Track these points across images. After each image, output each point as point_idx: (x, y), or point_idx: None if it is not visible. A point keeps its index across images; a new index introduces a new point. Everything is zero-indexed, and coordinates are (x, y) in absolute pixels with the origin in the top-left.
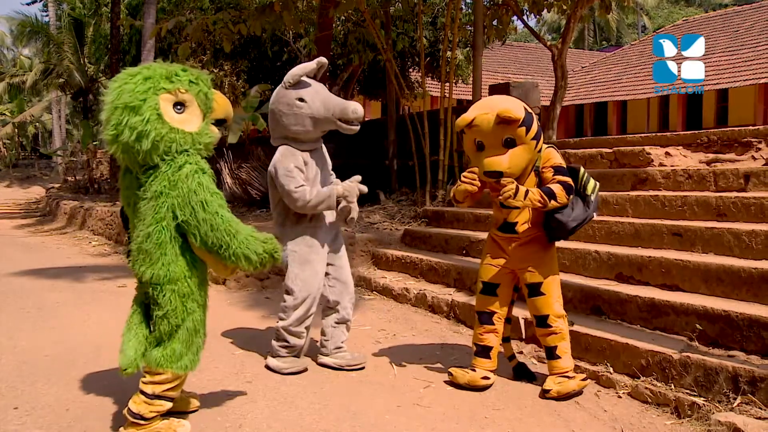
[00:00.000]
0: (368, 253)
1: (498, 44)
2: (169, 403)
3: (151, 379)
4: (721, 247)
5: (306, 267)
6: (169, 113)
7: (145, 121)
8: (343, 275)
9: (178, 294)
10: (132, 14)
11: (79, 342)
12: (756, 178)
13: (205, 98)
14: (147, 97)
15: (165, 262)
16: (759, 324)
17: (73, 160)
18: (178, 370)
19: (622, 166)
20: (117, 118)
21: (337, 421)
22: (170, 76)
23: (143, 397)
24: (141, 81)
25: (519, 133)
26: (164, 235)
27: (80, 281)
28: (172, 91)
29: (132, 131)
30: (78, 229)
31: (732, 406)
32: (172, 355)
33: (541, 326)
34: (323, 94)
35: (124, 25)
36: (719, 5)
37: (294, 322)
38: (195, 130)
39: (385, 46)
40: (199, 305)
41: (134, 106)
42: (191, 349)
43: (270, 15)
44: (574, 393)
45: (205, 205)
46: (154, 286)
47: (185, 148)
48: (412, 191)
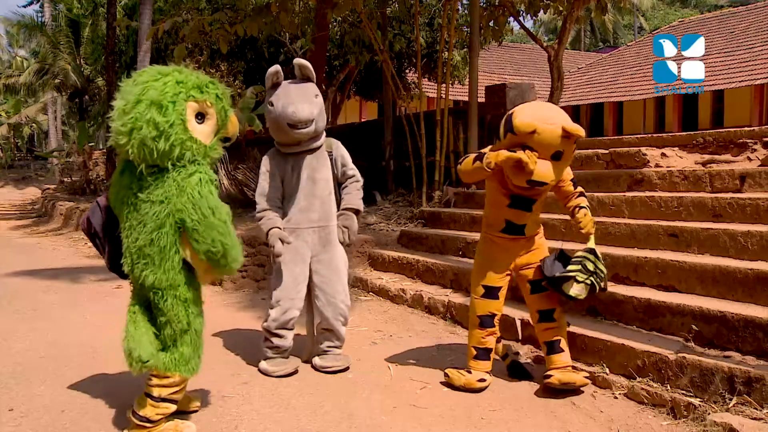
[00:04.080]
0: (365, 254)
1: (494, 45)
2: (173, 405)
3: (158, 383)
4: (716, 247)
5: (284, 270)
6: (192, 122)
7: (170, 124)
8: (326, 286)
9: (180, 299)
10: (128, 15)
11: (75, 343)
12: (752, 179)
13: (224, 115)
14: (176, 101)
15: (167, 267)
16: (754, 325)
17: (69, 161)
18: (186, 373)
19: (619, 167)
20: (139, 111)
21: (334, 422)
22: (202, 87)
23: (150, 401)
24: (173, 83)
25: (572, 148)
26: (167, 240)
27: (76, 282)
28: (200, 101)
29: (154, 128)
30: (74, 230)
31: (728, 407)
32: (181, 358)
33: (546, 320)
34: (284, 99)
35: (121, 26)
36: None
37: (271, 322)
38: (209, 143)
39: (381, 47)
40: (201, 310)
41: (162, 105)
42: (198, 352)
43: (267, 16)
44: (574, 387)
45: (216, 212)
46: (156, 291)
47: (197, 158)
48: (408, 192)
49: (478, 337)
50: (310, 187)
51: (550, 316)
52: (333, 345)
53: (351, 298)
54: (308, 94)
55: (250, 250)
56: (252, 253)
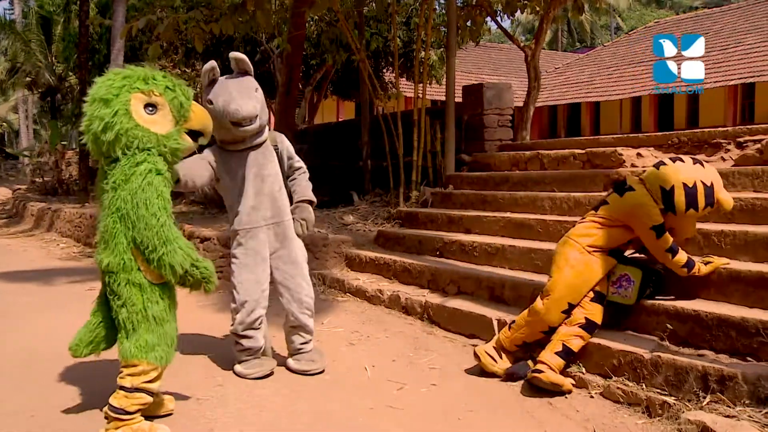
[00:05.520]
0: (341, 255)
1: (472, 45)
2: (149, 397)
3: (128, 372)
4: (691, 246)
5: (243, 270)
6: (139, 111)
7: (113, 114)
8: (289, 282)
9: (132, 283)
10: (102, 12)
11: (46, 347)
12: (725, 179)
13: (180, 106)
14: (120, 93)
15: (118, 251)
16: (727, 323)
17: (40, 161)
18: (154, 361)
19: (595, 167)
20: (91, 109)
21: (310, 424)
22: (147, 79)
23: (123, 392)
24: (120, 79)
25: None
26: (120, 225)
27: (48, 285)
28: (145, 91)
29: (100, 122)
30: (45, 231)
31: (701, 405)
32: (144, 345)
33: (586, 329)
34: (224, 96)
35: (94, 23)
36: (690, 8)
37: (238, 325)
38: (163, 132)
39: (358, 46)
40: (161, 297)
41: (107, 99)
42: (164, 340)
43: (243, 14)
44: (559, 390)
45: (148, 203)
46: (110, 275)
47: (148, 146)
48: (385, 192)
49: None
50: (259, 185)
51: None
52: (304, 341)
53: (328, 298)
54: (249, 89)
55: (225, 251)
56: (226, 254)
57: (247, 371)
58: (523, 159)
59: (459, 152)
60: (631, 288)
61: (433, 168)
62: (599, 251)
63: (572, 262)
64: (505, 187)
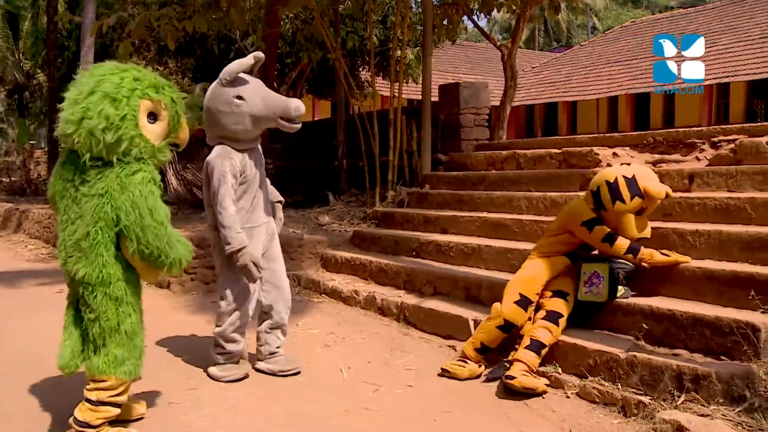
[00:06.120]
0: (317, 255)
1: (448, 44)
2: (116, 409)
3: (95, 386)
4: (666, 246)
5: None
6: (143, 120)
7: (121, 117)
8: (277, 279)
9: (110, 297)
10: (71, 8)
11: (16, 350)
12: (700, 179)
13: (176, 120)
14: (131, 96)
15: (99, 263)
16: (702, 323)
17: (7, 161)
18: (123, 376)
19: (571, 167)
20: (92, 102)
21: (284, 426)
22: (158, 87)
23: (88, 405)
24: (130, 79)
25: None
26: (102, 235)
27: (16, 287)
28: (154, 100)
29: (104, 120)
30: (13, 232)
31: (676, 404)
32: (114, 360)
33: (551, 321)
34: (262, 92)
35: (63, 20)
36: (666, 8)
37: (228, 327)
38: (157, 143)
39: (334, 44)
40: (134, 309)
41: (115, 99)
42: (133, 353)
43: (216, 11)
44: (534, 392)
45: (154, 212)
46: (86, 286)
47: (143, 156)
48: (361, 192)
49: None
50: (261, 182)
51: (557, 319)
52: (280, 344)
53: (303, 299)
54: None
55: (199, 252)
56: (201, 255)
57: (222, 374)
58: (500, 158)
59: (435, 152)
60: (601, 284)
61: (409, 168)
62: (551, 255)
63: (524, 265)
64: (482, 186)
